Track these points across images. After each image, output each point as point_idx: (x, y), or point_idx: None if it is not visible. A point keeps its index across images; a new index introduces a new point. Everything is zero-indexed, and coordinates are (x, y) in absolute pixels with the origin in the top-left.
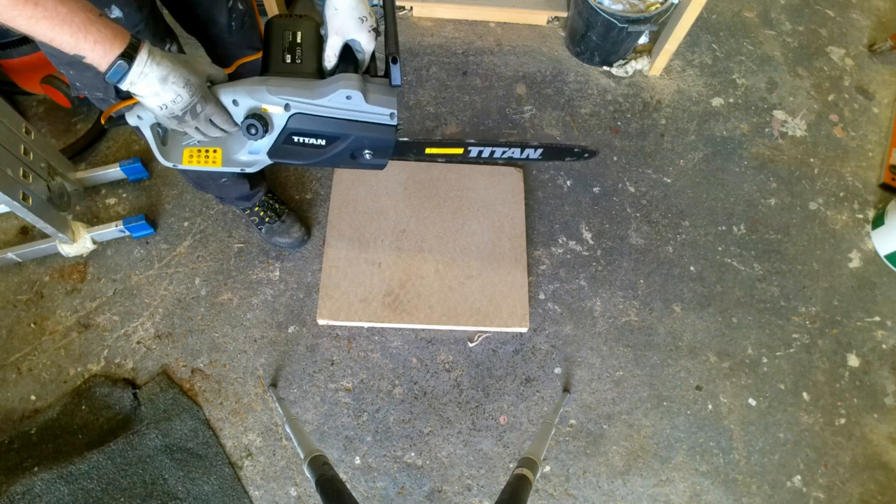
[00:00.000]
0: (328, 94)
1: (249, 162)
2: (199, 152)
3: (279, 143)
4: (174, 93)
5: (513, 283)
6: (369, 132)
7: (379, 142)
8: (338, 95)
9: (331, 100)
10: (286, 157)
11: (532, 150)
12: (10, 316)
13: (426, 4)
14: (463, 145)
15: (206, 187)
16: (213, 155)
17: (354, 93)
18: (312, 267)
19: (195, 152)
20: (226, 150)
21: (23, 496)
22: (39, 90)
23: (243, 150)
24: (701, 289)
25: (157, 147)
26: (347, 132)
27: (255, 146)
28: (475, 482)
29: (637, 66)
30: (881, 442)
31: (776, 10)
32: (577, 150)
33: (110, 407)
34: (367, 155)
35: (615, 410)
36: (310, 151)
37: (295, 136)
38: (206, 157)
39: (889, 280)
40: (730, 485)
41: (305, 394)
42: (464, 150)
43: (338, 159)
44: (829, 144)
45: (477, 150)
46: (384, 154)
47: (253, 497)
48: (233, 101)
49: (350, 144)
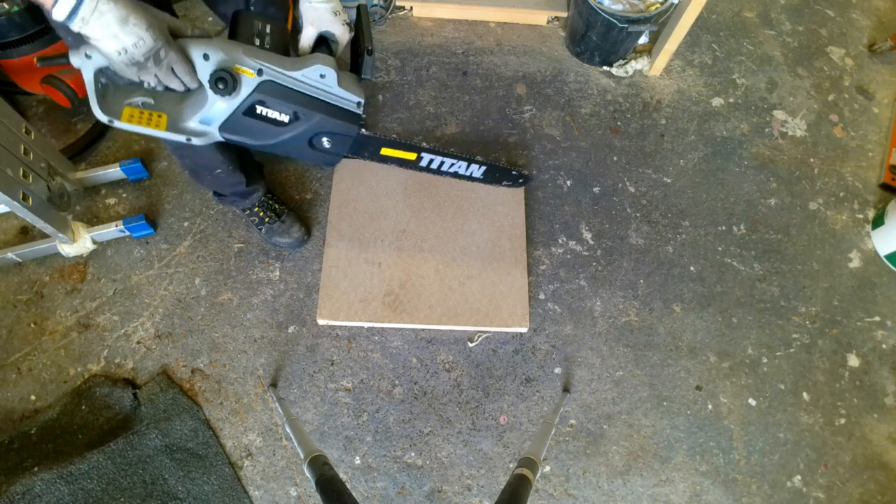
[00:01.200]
0: (303, 69)
1: (197, 131)
2: (142, 114)
3: (238, 112)
4: (136, 35)
5: (513, 283)
6: (334, 116)
7: (341, 129)
8: (313, 71)
9: (305, 74)
10: (239, 132)
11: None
12: (10, 316)
13: (426, 4)
14: (417, 150)
15: (202, 178)
16: (156, 119)
17: (329, 71)
18: (312, 267)
19: (136, 113)
20: (173, 115)
21: (23, 496)
22: (39, 90)
23: (193, 118)
24: (701, 289)
25: (95, 97)
26: (313, 111)
27: (207, 115)
28: (475, 482)
29: (637, 66)
30: (881, 442)
31: (776, 10)
32: (514, 174)
33: (110, 407)
34: (326, 142)
35: (615, 410)
36: (267, 129)
37: (259, 105)
38: (149, 120)
39: (889, 280)
40: (730, 485)
41: (305, 394)
42: (417, 155)
43: (293, 144)
44: (829, 144)
45: (429, 158)
46: (342, 144)
47: (253, 497)
48: (203, 55)
49: (312, 126)
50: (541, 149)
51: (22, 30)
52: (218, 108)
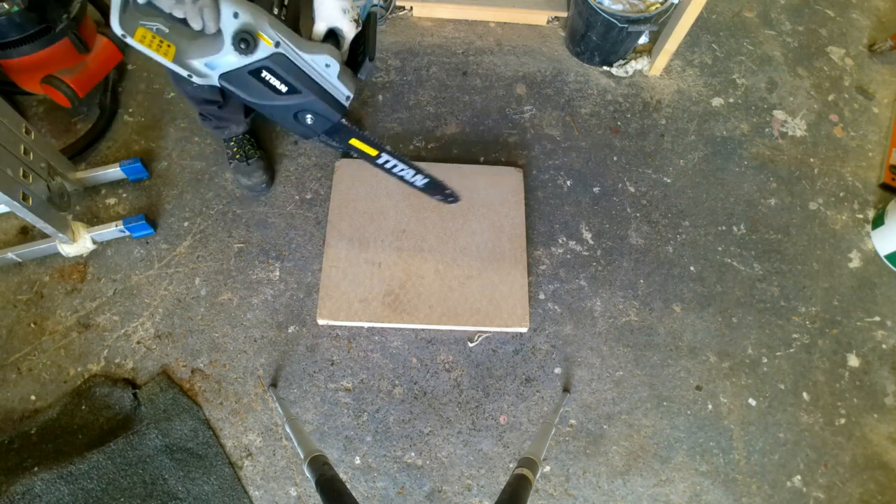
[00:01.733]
0: (314, 54)
1: (199, 71)
2: (154, 38)
3: (244, 70)
4: None
5: (513, 283)
6: (324, 101)
7: (326, 112)
8: (321, 58)
9: (314, 59)
10: (237, 85)
11: (420, 178)
12: (10, 316)
13: (426, 4)
14: (379, 149)
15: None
16: (165, 47)
17: (334, 63)
18: (312, 267)
19: (149, 36)
20: (182, 49)
21: (23, 496)
22: (39, 90)
23: (200, 59)
24: (701, 289)
25: (118, 9)
26: (309, 91)
27: (214, 61)
28: (475, 482)
29: (637, 66)
30: (881, 442)
31: (776, 10)
32: (447, 192)
33: (110, 407)
34: (309, 119)
35: (615, 410)
36: (263, 91)
37: (265, 71)
38: (159, 47)
39: (889, 280)
40: (730, 485)
41: (305, 394)
42: (377, 153)
43: (281, 111)
44: (829, 144)
45: (386, 158)
46: (322, 125)
47: (253, 497)
48: (234, 12)
49: (303, 103)
50: (541, 149)
51: (22, 30)
52: (227, 60)
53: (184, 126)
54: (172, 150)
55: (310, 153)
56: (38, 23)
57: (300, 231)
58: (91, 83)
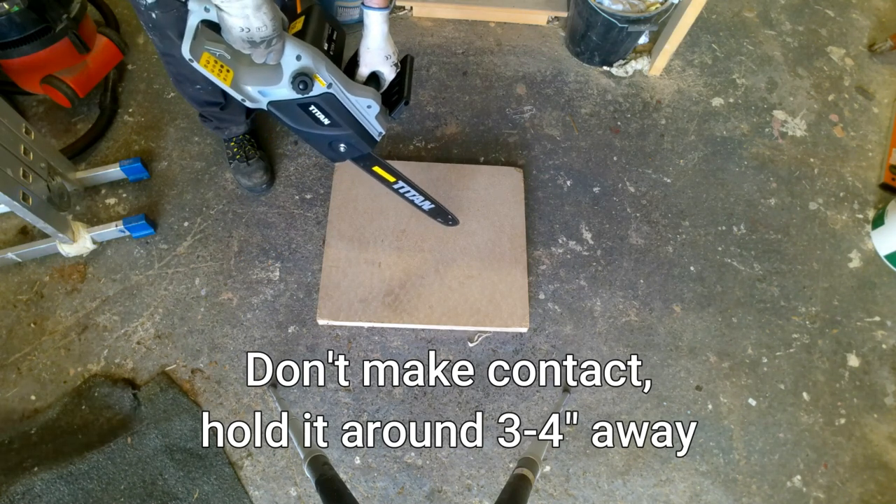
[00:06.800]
0: (359, 96)
1: (252, 97)
2: (217, 63)
3: (294, 103)
4: (262, 22)
5: (513, 283)
6: (360, 135)
7: (358, 145)
8: (364, 101)
9: (358, 101)
10: (283, 112)
11: (427, 203)
12: (10, 316)
13: (426, 4)
14: (398, 177)
15: (183, 87)
16: (225, 73)
17: (375, 105)
18: (312, 267)
19: (213, 61)
20: (239, 75)
21: (23, 496)
22: (39, 90)
23: (255, 86)
24: (701, 289)
25: (190, 38)
26: (348, 126)
27: (268, 90)
28: (475, 482)
29: (637, 66)
30: (881, 442)
31: (776, 10)
32: (449, 217)
33: (110, 407)
34: (342, 148)
35: (615, 410)
36: (308, 121)
37: (314, 106)
38: (220, 72)
39: (889, 280)
40: (730, 485)
41: (305, 394)
42: (396, 180)
43: (318, 138)
44: (829, 144)
45: (400, 185)
46: (351, 154)
47: (253, 497)
48: (297, 55)
49: (341, 135)
50: (541, 149)
51: (22, 30)
52: (281, 91)
53: (184, 126)
54: (172, 150)
55: (310, 153)
56: (38, 23)
57: (300, 231)
58: (91, 83)
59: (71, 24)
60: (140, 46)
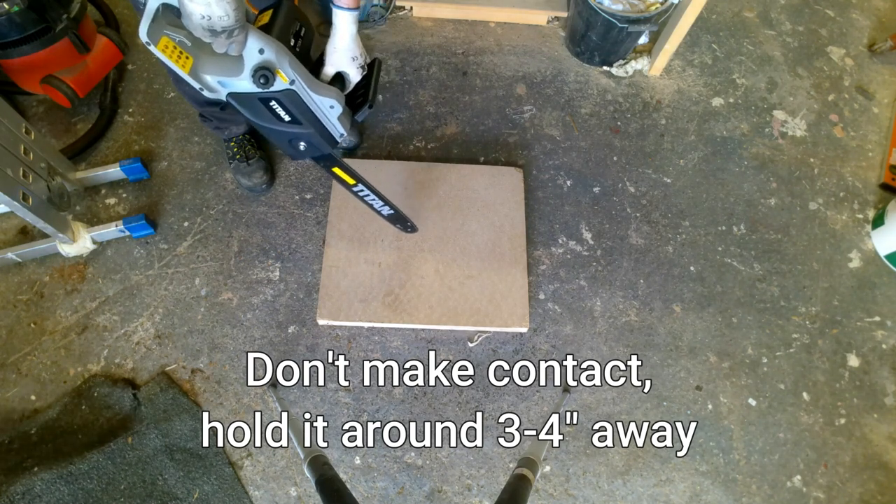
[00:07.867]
0: (322, 95)
1: (210, 86)
2: (176, 49)
3: (255, 96)
4: (224, 10)
5: (513, 283)
6: (321, 134)
7: (318, 144)
8: (327, 100)
9: (320, 100)
10: (243, 105)
11: (386, 208)
12: (10, 316)
13: (426, 4)
14: (357, 179)
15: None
16: (184, 59)
17: (338, 105)
18: (312, 267)
19: (172, 46)
20: (199, 63)
21: (23, 496)
22: (39, 90)
23: (215, 76)
24: (701, 289)
25: (148, 21)
26: (309, 124)
27: (228, 81)
28: (475, 482)
29: (637, 66)
30: (881, 442)
31: (776, 10)
32: (408, 224)
33: (110, 407)
34: (302, 146)
35: (615, 410)
36: (268, 116)
37: (275, 101)
38: (178, 58)
39: (889, 280)
40: (730, 485)
41: (305, 394)
42: (355, 182)
43: (278, 134)
44: (829, 144)
45: (360, 188)
46: (312, 152)
47: (253, 497)
48: (260, 49)
49: (301, 133)
50: (541, 149)
51: (22, 30)
52: (241, 83)
53: (184, 126)
54: (172, 150)
55: None
56: (38, 23)
57: (300, 231)
58: (91, 83)
59: (71, 24)
60: (140, 46)
